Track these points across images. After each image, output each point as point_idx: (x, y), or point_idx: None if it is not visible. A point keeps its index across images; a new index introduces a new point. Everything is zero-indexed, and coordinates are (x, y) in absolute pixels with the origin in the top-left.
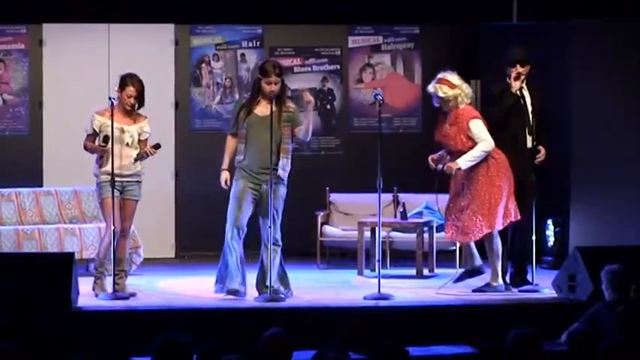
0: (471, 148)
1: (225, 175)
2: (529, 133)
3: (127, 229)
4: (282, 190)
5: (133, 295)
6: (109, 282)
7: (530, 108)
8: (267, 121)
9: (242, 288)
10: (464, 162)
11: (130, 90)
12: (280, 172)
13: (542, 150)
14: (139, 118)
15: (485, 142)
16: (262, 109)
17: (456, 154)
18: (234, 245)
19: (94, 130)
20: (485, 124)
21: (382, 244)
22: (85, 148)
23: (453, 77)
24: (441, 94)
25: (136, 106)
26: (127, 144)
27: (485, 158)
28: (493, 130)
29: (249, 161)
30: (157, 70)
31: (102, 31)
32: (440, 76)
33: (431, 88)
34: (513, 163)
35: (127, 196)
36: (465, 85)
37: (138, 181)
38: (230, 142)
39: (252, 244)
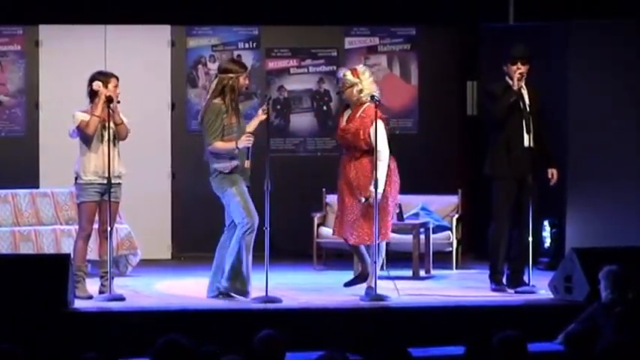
0: (367, 146)
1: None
2: (527, 132)
3: (110, 232)
4: None
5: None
6: (88, 284)
7: (528, 107)
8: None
9: (250, 289)
10: (381, 183)
11: (115, 81)
12: None
13: (555, 173)
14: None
15: (385, 150)
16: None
17: (352, 150)
18: (250, 241)
19: (82, 120)
20: (387, 130)
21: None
22: (87, 127)
23: (364, 71)
24: (341, 75)
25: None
26: (113, 143)
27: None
28: (492, 129)
29: (241, 164)
30: (153, 71)
31: (98, 32)
32: (355, 65)
33: (340, 70)
34: (511, 162)
35: (111, 199)
36: (366, 82)
37: (119, 184)
38: (220, 144)
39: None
